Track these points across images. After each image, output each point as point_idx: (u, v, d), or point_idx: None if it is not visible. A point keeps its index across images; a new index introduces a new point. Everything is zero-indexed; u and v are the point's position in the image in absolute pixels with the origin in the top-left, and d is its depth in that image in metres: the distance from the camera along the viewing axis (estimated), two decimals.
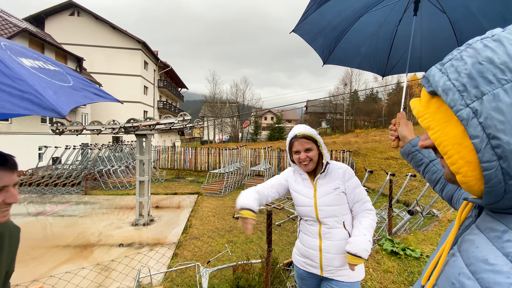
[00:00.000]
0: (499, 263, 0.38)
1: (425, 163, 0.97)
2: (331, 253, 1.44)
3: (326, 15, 1.75)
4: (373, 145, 17.68)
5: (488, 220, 0.46)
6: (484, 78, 0.38)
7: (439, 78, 0.44)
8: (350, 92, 38.70)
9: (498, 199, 0.41)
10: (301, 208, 1.53)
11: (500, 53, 0.38)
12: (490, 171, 0.38)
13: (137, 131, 5.97)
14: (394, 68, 1.93)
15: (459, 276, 0.44)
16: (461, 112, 0.40)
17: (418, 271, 2.82)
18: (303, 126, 1.50)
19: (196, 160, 14.65)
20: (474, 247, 0.44)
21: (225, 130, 41.47)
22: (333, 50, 1.96)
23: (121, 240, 5.50)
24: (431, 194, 7.92)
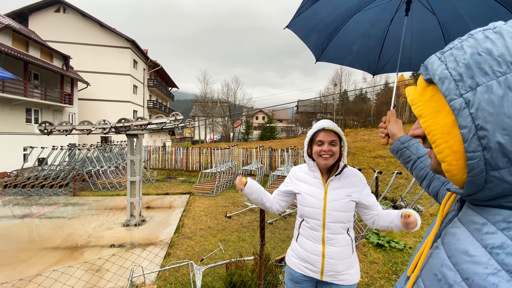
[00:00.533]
0: (478, 254, 0.39)
1: (413, 159, 0.99)
2: (334, 259, 1.40)
3: (320, 12, 1.76)
4: (362, 144, 18.08)
5: (469, 213, 0.47)
6: (480, 69, 0.39)
7: (437, 66, 0.44)
8: (340, 92, 39.32)
9: (479, 189, 0.42)
10: (308, 209, 1.45)
11: (499, 45, 0.38)
12: (474, 160, 0.40)
13: (128, 131, 5.94)
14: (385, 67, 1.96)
15: (441, 268, 0.45)
16: (454, 101, 0.41)
17: (401, 262, 2.98)
18: (331, 122, 1.44)
19: (187, 160, 14.58)
20: (455, 240, 0.45)
21: (216, 129, 41.32)
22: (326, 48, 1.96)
23: (113, 241, 5.46)
24: (416, 191, 8.22)
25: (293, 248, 1.55)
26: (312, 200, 1.44)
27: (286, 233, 5.92)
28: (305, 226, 1.47)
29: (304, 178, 1.50)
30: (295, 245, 1.53)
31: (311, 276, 1.45)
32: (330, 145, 1.38)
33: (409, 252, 3.19)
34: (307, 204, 1.45)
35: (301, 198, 1.48)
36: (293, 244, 1.56)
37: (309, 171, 1.50)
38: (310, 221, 1.44)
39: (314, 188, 1.45)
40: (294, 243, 1.55)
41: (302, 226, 1.49)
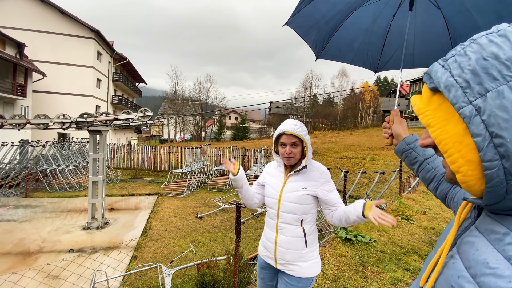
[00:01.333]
0: (500, 266, 0.36)
1: (420, 161, 0.95)
2: (283, 247, 1.49)
3: (320, 8, 1.69)
4: (329, 145, 18.94)
5: (488, 222, 0.45)
6: (488, 74, 0.37)
7: (441, 74, 0.43)
8: (310, 95, 40.77)
9: (499, 200, 0.40)
10: (268, 199, 1.59)
11: (506, 48, 0.37)
12: (492, 170, 0.37)
13: (91, 127, 5.52)
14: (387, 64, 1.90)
15: (458, 279, 0.42)
16: (464, 109, 0.39)
17: (367, 254, 3.19)
18: (294, 123, 1.48)
19: (155, 159, 13.97)
20: (474, 250, 0.43)
21: (187, 128, 40.19)
22: (326, 45, 1.90)
23: (71, 245, 5.04)
24: (378, 190, 8.84)
25: (261, 238, 1.69)
26: (271, 190, 1.57)
27: (258, 232, 5.97)
28: (267, 216, 1.61)
29: (272, 172, 1.64)
30: (263, 234, 1.67)
31: (270, 263, 1.57)
32: (291, 147, 1.47)
33: (374, 245, 3.42)
34: (268, 194, 1.59)
35: (266, 189, 1.63)
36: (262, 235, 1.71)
37: (277, 166, 1.63)
38: (269, 210, 1.58)
39: (276, 181, 1.58)
40: (263, 233, 1.69)
41: (266, 215, 1.63)
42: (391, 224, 1.15)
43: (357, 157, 14.50)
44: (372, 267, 2.88)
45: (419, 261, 3.07)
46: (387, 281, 2.67)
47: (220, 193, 10.04)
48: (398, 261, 3.07)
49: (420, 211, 4.88)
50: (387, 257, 3.13)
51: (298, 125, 1.48)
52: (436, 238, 3.80)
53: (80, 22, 19.70)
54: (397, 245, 3.46)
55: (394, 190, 8.53)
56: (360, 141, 20.34)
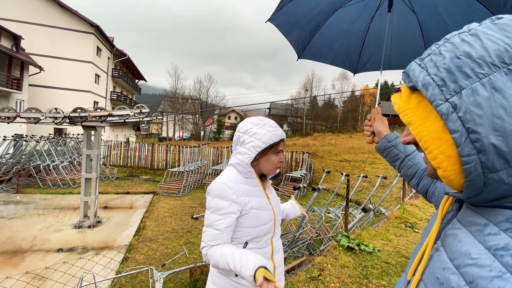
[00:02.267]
0: (481, 257, 0.38)
1: (401, 158, 0.97)
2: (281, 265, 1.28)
3: (302, 6, 1.70)
4: (329, 148, 18.79)
5: (469, 214, 0.46)
6: (462, 72, 0.39)
7: (418, 73, 0.44)
8: (311, 97, 40.69)
9: (478, 192, 0.41)
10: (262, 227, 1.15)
11: (477, 47, 0.38)
12: (470, 164, 0.39)
13: (84, 122, 5.33)
14: (365, 65, 1.94)
15: (443, 271, 0.44)
16: (441, 107, 0.40)
17: (371, 265, 3.01)
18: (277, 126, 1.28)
19: (152, 157, 13.77)
20: (456, 241, 0.44)
21: (186, 127, 40.02)
22: (308, 44, 1.92)
23: (61, 244, 4.84)
24: (378, 194, 8.68)
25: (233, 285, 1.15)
26: (265, 214, 1.17)
27: None
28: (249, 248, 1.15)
29: (250, 191, 1.16)
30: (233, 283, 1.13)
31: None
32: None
33: (378, 255, 3.24)
34: (261, 222, 1.15)
35: (252, 217, 1.13)
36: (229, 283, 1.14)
37: (245, 180, 1.17)
38: (261, 240, 1.17)
39: (260, 200, 1.18)
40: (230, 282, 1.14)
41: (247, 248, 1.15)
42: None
43: (356, 160, 14.35)
44: (376, 280, 2.70)
45: None
46: None
47: None
48: None
49: (424, 219, 4.72)
50: (392, 268, 2.95)
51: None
52: None
53: (80, 16, 19.50)
54: (402, 256, 3.28)
55: (394, 195, 8.37)
56: (360, 144, 20.21)
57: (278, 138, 1.15)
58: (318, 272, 2.72)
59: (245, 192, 1.13)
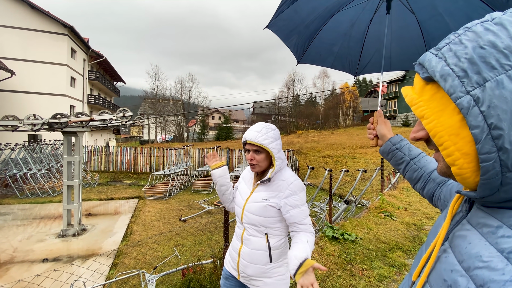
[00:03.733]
0: (494, 259, 0.36)
1: (406, 161, 0.94)
2: (245, 260, 1.39)
3: (300, 11, 1.69)
4: (312, 144, 19.26)
5: (480, 215, 0.44)
6: (486, 63, 0.36)
7: (436, 63, 0.41)
8: (293, 95, 41.28)
9: (493, 192, 0.39)
10: (235, 207, 1.51)
11: (503, 36, 0.36)
12: (489, 163, 0.37)
13: (65, 128, 5.19)
14: (366, 67, 1.93)
15: (451, 273, 0.42)
16: (461, 99, 0.37)
17: (354, 252, 3.24)
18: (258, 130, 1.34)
19: (135, 161, 13.46)
20: (466, 243, 0.42)
21: (168, 129, 39.23)
22: (307, 49, 1.91)
23: (46, 254, 4.70)
24: (360, 187, 9.09)
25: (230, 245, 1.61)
26: (239, 198, 1.48)
27: None
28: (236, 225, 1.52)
29: (246, 177, 1.53)
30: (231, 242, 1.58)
31: (233, 273, 1.47)
32: (254, 153, 1.35)
33: (360, 243, 3.48)
34: (236, 202, 1.51)
35: (235, 195, 1.55)
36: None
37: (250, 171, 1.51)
38: (236, 218, 1.50)
39: (245, 188, 1.47)
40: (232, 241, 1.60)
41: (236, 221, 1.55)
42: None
43: (339, 155, 14.85)
44: (359, 265, 2.93)
45: (403, 257, 3.17)
46: (374, 278, 2.72)
47: (204, 194, 9.86)
48: (383, 257, 3.15)
49: (401, 208, 5.06)
50: (373, 254, 3.20)
51: (262, 132, 1.32)
52: (417, 233, 3.95)
53: (52, 17, 18.57)
54: (382, 242, 3.55)
55: (375, 187, 8.80)
56: (341, 140, 20.87)
57: (244, 140, 1.40)
58: None
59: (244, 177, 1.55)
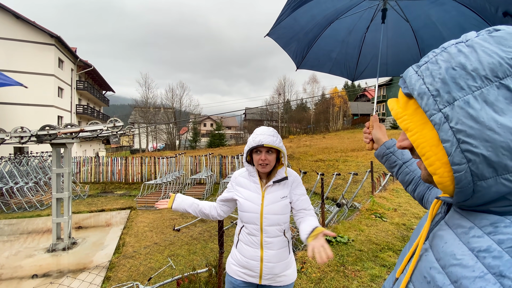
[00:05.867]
0: (465, 257, 0.40)
1: (399, 164, 0.99)
2: (272, 262, 1.43)
3: (299, 20, 1.77)
4: (304, 149, 19.44)
5: (456, 217, 0.48)
6: (456, 84, 0.39)
7: (415, 81, 0.45)
8: (284, 101, 41.71)
9: (467, 198, 0.43)
10: (246, 214, 1.47)
11: (472, 59, 0.39)
12: (460, 173, 0.40)
13: (54, 140, 5.11)
14: (363, 73, 2.02)
15: (430, 270, 0.45)
16: (434, 116, 0.41)
17: (346, 254, 3.30)
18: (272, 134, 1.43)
19: (126, 171, 13.26)
20: (443, 242, 0.46)
21: (160, 137, 38.82)
22: (306, 55, 1.99)
23: (35, 270, 4.56)
24: (352, 190, 9.22)
25: (233, 256, 1.56)
26: (250, 205, 1.46)
27: None
28: (245, 232, 1.49)
29: (244, 183, 1.52)
30: (235, 252, 1.54)
31: (250, 281, 1.48)
32: (266, 154, 1.42)
33: (353, 245, 3.55)
34: (246, 210, 1.47)
35: (240, 203, 1.50)
36: (233, 251, 1.57)
37: (248, 176, 1.52)
38: (248, 227, 1.46)
39: (252, 193, 1.47)
40: (234, 250, 1.56)
41: (242, 232, 1.51)
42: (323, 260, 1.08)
43: (330, 159, 15.04)
44: (352, 266, 2.99)
45: (394, 257, 3.25)
46: (366, 278, 2.79)
47: None
48: (375, 258, 3.22)
49: (391, 209, 5.18)
50: (365, 255, 3.27)
51: (275, 136, 1.43)
52: (407, 233, 4.05)
53: (38, 27, 18.33)
54: (373, 243, 3.63)
55: (367, 190, 8.95)
56: (332, 144, 21.16)
57: (256, 144, 1.41)
58: (301, 265, 2.94)
59: (241, 184, 1.53)
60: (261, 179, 1.50)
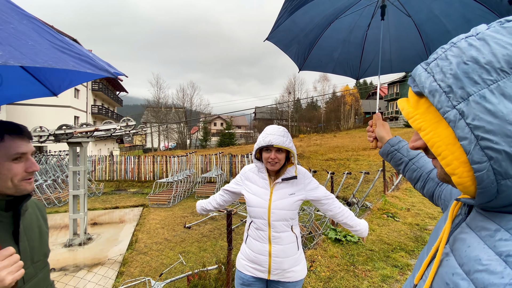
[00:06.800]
0: (492, 263, 0.37)
1: (405, 162, 0.96)
2: (280, 257, 1.45)
3: (298, 22, 1.75)
4: (315, 148, 19.26)
5: (479, 219, 0.45)
6: (469, 78, 0.38)
7: (425, 78, 0.43)
8: (294, 100, 41.45)
9: (491, 199, 0.40)
10: (254, 209, 1.50)
11: (485, 52, 0.37)
12: (482, 172, 0.38)
13: (70, 139, 5.30)
14: (367, 71, 1.99)
15: (452, 277, 0.42)
16: (448, 113, 0.39)
17: (357, 253, 3.25)
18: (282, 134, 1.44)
19: (139, 169, 13.57)
20: (466, 246, 0.43)
21: (171, 136, 39.49)
22: (308, 57, 1.98)
23: (52, 264, 4.68)
24: (364, 190, 9.06)
25: (242, 251, 1.59)
26: (258, 200, 1.49)
27: None
28: (253, 227, 1.51)
29: (253, 179, 1.55)
30: (244, 248, 1.57)
31: (260, 276, 1.49)
32: (276, 153, 1.44)
33: (363, 244, 3.49)
34: (254, 204, 1.49)
35: (248, 198, 1.53)
36: (242, 247, 1.60)
37: (258, 172, 1.55)
38: (256, 221, 1.49)
39: (261, 189, 1.51)
40: (243, 246, 1.59)
41: (251, 227, 1.53)
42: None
43: (341, 158, 14.83)
44: (362, 266, 2.94)
45: (406, 257, 3.18)
46: (377, 278, 2.74)
47: None
48: (386, 258, 3.16)
49: (404, 208, 5.06)
50: (376, 255, 3.21)
51: (285, 136, 1.44)
52: (420, 233, 3.95)
53: (56, 30, 18.99)
54: (384, 243, 3.55)
55: (379, 189, 8.78)
56: (343, 142, 20.85)
57: (265, 144, 1.43)
58: (310, 264, 2.93)
59: (250, 178, 1.57)
60: (270, 176, 1.52)
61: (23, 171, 0.89)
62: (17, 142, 0.88)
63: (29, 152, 0.92)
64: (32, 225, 1.01)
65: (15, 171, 0.87)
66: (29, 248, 0.96)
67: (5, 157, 0.85)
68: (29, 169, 0.91)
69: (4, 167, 0.85)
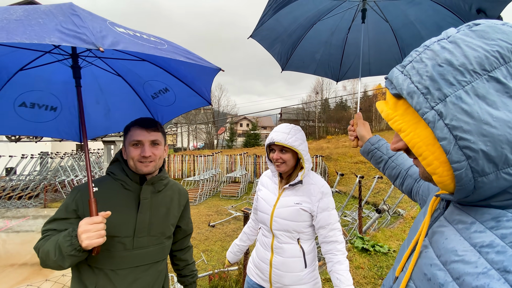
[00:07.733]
0: (467, 253, 0.39)
1: (385, 160, 1.00)
2: (280, 270, 1.34)
3: (282, 21, 1.78)
4: (343, 150, 18.52)
5: (456, 213, 0.47)
6: (445, 80, 0.39)
7: (402, 80, 0.44)
8: (322, 100, 40.44)
9: (468, 194, 0.42)
10: (260, 214, 1.43)
11: (458, 55, 0.38)
12: (460, 170, 0.39)
13: (105, 138, 5.66)
14: (347, 73, 2.04)
15: (430, 267, 0.44)
16: (427, 114, 0.40)
17: (386, 266, 3.00)
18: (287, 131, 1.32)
19: (169, 168, 14.17)
20: (443, 239, 0.45)
21: (199, 136, 40.80)
22: (290, 57, 2.01)
23: None
24: (396, 195, 8.47)
25: (252, 255, 1.55)
26: (264, 205, 1.42)
27: None
28: (261, 233, 1.46)
29: (266, 183, 1.50)
30: (253, 252, 1.53)
31: (263, 285, 1.43)
32: (280, 152, 1.32)
33: (394, 255, 3.22)
34: (260, 209, 1.44)
35: (259, 202, 1.49)
36: (253, 252, 1.56)
37: (272, 176, 1.47)
38: (262, 227, 1.44)
39: (269, 194, 1.43)
40: (254, 250, 1.55)
41: (260, 232, 1.49)
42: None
43: None
44: None
45: None
46: None
47: (232, 200, 9.98)
48: None
49: None
50: None
51: (291, 134, 1.30)
52: None
53: None
54: None
55: None
56: None
57: (268, 141, 1.38)
58: None
59: (264, 183, 1.52)
60: (281, 181, 1.42)
61: (139, 155, 1.08)
62: (137, 131, 1.08)
63: (145, 140, 1.09)
64: (161, 205, 1.17)
65: (132, 154, 1.08)
66: (148, 221, 1.11)
67: (128, 142, 1.11)
68: (142, 153, 1.08)
69: (128, 149, 1.10)
